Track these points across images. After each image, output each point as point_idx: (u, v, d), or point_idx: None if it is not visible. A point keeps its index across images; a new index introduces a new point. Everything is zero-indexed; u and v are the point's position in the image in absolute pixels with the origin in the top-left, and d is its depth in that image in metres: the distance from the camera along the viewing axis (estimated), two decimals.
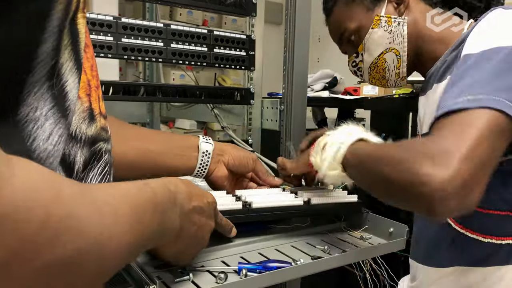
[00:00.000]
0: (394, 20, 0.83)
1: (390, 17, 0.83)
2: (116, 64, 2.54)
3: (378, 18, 0.84)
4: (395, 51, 0.84)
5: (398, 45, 0.83)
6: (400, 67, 0.85)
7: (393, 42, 0.84)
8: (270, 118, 1.26)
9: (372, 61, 0.87)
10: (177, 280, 0.55)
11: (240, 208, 0.68)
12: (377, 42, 0.85)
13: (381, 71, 0.87)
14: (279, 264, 0.57)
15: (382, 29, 0.84)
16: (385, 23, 0.83)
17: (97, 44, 0.93)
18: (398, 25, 0.83)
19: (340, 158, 0.64)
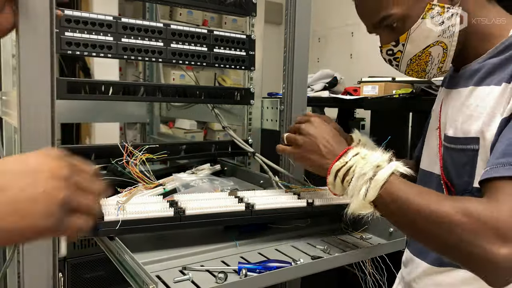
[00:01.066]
0: (448, 10, 0.72)
1: (443, 6, 0.72)
2: (116, 64, 2.54)
3: (430, 6, 0.72)
4: (442, 44, 0.74)
5: (447, 39, 0.73)
6: (444, 61, 0.76)
7: (442, 35, 0.73)
8: (270, 118, 1.25)
9: (416, 53, 0.76)
10: (177, 279, 0.55)
11: (243, 210, 0.68)
12: (425, 34, 0.74)
13: (423, 64, 0.78)
14: (279, 264, 0.57)
15: (433, 19, 0.73)
16: (437, 13, 0.72)
17: (97, 44, 0.93)
18: (451, 16, 0.72)
19: (372, 198, 0.62)
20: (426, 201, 0.57)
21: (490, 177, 0.56)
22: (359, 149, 0.68)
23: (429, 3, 0.73)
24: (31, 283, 0.74)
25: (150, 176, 0.90)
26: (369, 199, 0.61)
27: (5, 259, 1.30)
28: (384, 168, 0.62)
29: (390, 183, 0.61)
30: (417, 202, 0.58)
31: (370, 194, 0.61)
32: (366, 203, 0.61)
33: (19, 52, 0.71)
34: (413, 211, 0.58)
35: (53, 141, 0.75)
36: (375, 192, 0.61)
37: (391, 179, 0.61)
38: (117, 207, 0.66)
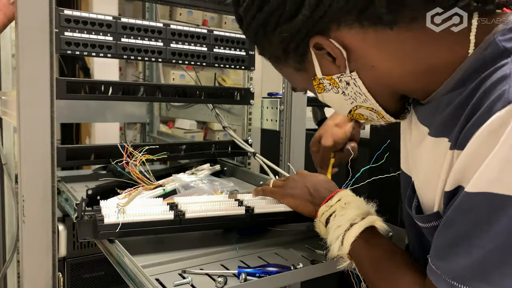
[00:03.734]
0: (339, 79, 0.56)
1: (331, 78, 0.57)
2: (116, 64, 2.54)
3: (317, 82, 0.59)
4: (364, 107, 0.60)
5: (365, 103, 0.59)
6: (383, 117, 0.61)
7: (355, 101, 0.59)
8: (270, 118, 1.25)
9: (347, 115, 0.65)
10: (176, 283, 0.55)
11: (242, 213, 0.68)
12: (336, 104, 0.63)
13: (366, 121, 0.67)
14: (278, 268, 0.57)
15: (330, 92, 0.60)
16: (330, 85, 0.59)
17: (97, 44, 0.93)
18: (348, 84, 0.56)
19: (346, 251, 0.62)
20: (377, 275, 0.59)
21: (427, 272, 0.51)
22: (344, 194, 0.68)
23: (314, 79, 0.60)
24: (31, 283, 0.74)
25: (150, 177, 0.90)
26: (344, 251, 0.62)
27: (5, 259, 1.30)
28: (357, 224, 0.62)
29: (357, 244, 0.61)
30: (370, 274, 0.60)
31: (344, 248, 0.62)
32: (342, 254, 0.62)
33: (18, 52, 0.71)
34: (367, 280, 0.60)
35: (53, 141, 0.75)
36: (347, 247, 0.61)
37: (360, 239, 0.61)
38: (117, 210, 0.66)
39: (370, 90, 0.56)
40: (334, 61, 0.54)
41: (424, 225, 0.56)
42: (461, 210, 0.45)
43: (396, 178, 0.71)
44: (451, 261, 0.46)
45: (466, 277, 0.44)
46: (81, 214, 0.66)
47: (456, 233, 0.46)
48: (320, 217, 0.66)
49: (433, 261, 0.49)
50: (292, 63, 0.59)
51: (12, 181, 1.25)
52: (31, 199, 0.73)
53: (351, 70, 0.54)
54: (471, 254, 0.44)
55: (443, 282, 0.47)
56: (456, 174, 0.47)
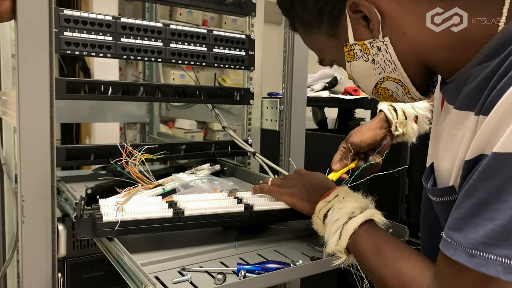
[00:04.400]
0: (372, 45, 0.57)
1: (363, 43, 0.57)
2: (115, 64, 2.54)
3: (348, 49, 0.59)
4: (392, 79, 0.60)
5: (393, 73, 0.58)
6: (409, 92, 0.61)
7: (384, 71, 0.59)
8: (269, 118, 1.25)
9: (371, 91, 0.65)
10: (175, 280, 0.55)
11: (242, 211, 0.68)
12: (363, 75, 0.62)
13: (390, 98, 0.65)
14: (277, 265, 0.57)
15: (360, 60, 0.59)
16: (361, 52, 0.58)
17: (97, 43, 0.93)
18: (379, 51, 0.56)
19: (344, 245, 0.61)
20: (379, 262, 0.57)
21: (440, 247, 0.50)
22: (342, 190, 0.68)
23: (346, 45, 0.60)
24: (30, 283, 0.74)
25: (149, 176, 0.90)
26: (341, 246, 0.61)
27: (5, 259, 1.30)
28: (356, 217, 0.61)
29: (357, 235, 0.60)
30: (372, 263, 0.58)
31: (341, 241, 0.61)
32: (339, 248, 0.61)
33: (18, 52, 0.71)
34: (369, 270, 0.59)
35: (52, 141, 0.75)
36: (345, 241, 0.61)
37: (360, 230, 0.61)
38: (116, 208, 0.66)
39: (400, 58, 0.56)
40: (368, 26, 0.55)
41: (437, 199, 0.55)
42: (485, 174, 0.44)
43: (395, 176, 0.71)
44: (472, 230, 0.45)
45: (488, 244, 0.43)
46: (80, 213, 0.66)
47: (478, 199, 0.45)
48: (318, 213, 0.66)
49: (450, 235, 0.47)
50: (325, 28, 0.59)
51: (12, 181, 1.25)
52: (30, 199, 0.73)
53: (384, 35, 0.55)
54: (495, 220, 0.43)
55: (461, 253, 0.45)
56: (479, 140, 0.46)
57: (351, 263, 0.62)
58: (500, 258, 0.43)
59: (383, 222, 0.63)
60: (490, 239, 0.43)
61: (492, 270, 0.43)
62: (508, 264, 0.42)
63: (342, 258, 0.62)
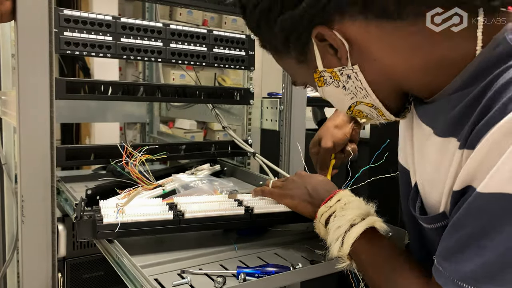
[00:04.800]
0: (341, 73, 0.55)
1: (332, 71, 0.56)
2: (115, 64, 2.54)
3: (317, 75, 0.58)
4: (365, 103, 0.58)
5: (365, 99, 0.57)
6: (383, 115, 0.59)
7: (355, 97, 0.58)
8: (269, 118, 1.25)
9: (346, 112, 0.64)
10: (175, 283, 0.54)
11: (242, 214, 0.68)
12: (336, 99, 0.61)
13: (365, 118, 0.65)
14: (277, 268, 0.57)
15: (331, 86, 0.58)
16: (331, 79, 0.57)
17: (97, 44, 0.93)
18: (349, 78, 0.55)
19: (346, 252, 0.62)
20: (378, 276, 0.59)
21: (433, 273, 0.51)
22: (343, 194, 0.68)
23: (315, 71, 0.58)
24: (30, 283, 0.74)
25: (150, 177, 0.90)
26: (344, 252, 0.61)
27: (5, 259, 1.30)
28: (358, 225, 0.62)
29: (358, 243, 0.61)
30: (371, 275, 0.60)
31: (344, 249, 0.61)
32: (341, 254, 0.62)
33: (18, 52, 0.71)
34: (368, 280, 0.60)
35: (52, 141, 0.75)
36: (347, 248, 0.61)
37: (361, 239, 0.61)
38: (116, 210, 0.66)
39: (371, 84, 0.55)
40: (336, 53, 0.53)
41: (429, 226, 0.55)
42: (472, 211, 0.45)
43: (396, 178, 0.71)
44: (460, 263, 0.46)
45: (476, 279, 0.44)
46: (80, 214, 0.66)
47: (466, 234, 0.45)
48: (320, 217, 0.66)
49: (440, 263, 0.48)
50: (294, 55, 0.58)
51: (12, 181, 1.25)
52: (30, 199, 0.73)
53: (352, 63, 0.53)
54: (482, 256, 0.44)
55: (451, 284, 0.46)
56: (466, 174, 0.46)
57: (354, 267, 0.62)
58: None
59: (384, 230, 0.64)
60: (477, 275, 0.44)
61: None
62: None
63: (345, 263, 0.62)
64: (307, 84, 0.64)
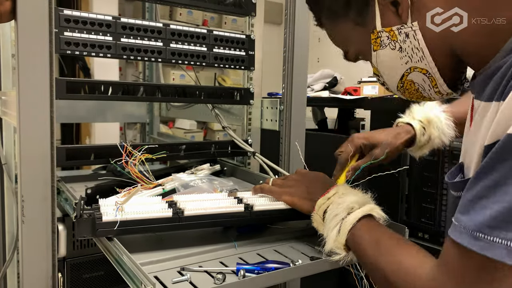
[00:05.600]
0: (400, 32, 0.56)
1: (391, 30, 0.56)
2: (116, 64, 2.55)
3: (374, 36, 0.58)
4: (419, 69, 0.58)
5: (421, 63, 0.57)
6: (436, 85, 0.58)
7: (411, 60, 0.57)
8: (269, 118, 1.25)
9: (396, 84, 0.62)
10: (174, 280, 0.55)
11: (242, 211, 0.68)
12: (389, 65, 0.60)
13: (415, 92, 0.63)
14: (277, 265, 0.57)
15: (387, 48, 0.58)
16: (388, 39, 0.57)
17: (97, 44, 0.93)
18: (407, 37, 0.55)
19: (342, 240, 0.61)
20: (377, 253, 0.57)
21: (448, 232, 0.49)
22: (341, 187, 0.67)
23: (373, 31, 0.58)
24: (30, 283, 0.74)
25: (149, 176, 0.90)
26: (340, 241, 0.61)
27: (5, 259, 1.30)
28: (354, 212, 0.61)
29: (356, 229, 0.60)
30: (370, 254, 0.58)
31: (340, 236, 0.61)
32: (338, 244, 0.61)
33: (18, 52, 0.71)
34: (367, 262, 0.58)
35: (52, 141, 0.75)
36: (344, 235, 0.60)
37: (358, 224, 0.60)
38: (116, 208, 0.66)
39: (428, 45, 0.55)
40: (396, 11, 0.55)
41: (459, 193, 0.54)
42: (499, 155, 0.44)
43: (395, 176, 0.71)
44: (478, 213, 0.44)
45: (494, 227, 0.43)
46: (79, 212, 0.66)
47: (490, 180, 0.44)
48: (318, 210, 0.66)
49: (458, 218, 0.47)
50: (352, 16, 0.59)
51: (12, 181, 1.25)
52: (30, 199, 0.73)
53: (412, 20, 0.54)
54: (502, 203, 0.42)
55: (466, 236, 0.45)
56: (497, 125, 0.46)
57: (350, 260, 0.62)
58: (505, 241, 0.42)
59: (382, 218, 0.63)
60: (496, 222, 0.43)
61: (496, 254, 0.42)
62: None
63: (341, 255, 0.61)
64: (360, 54, 0.64)
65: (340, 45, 0.67)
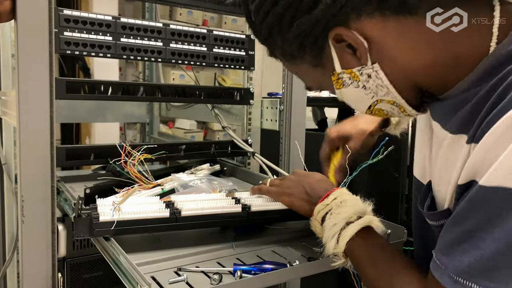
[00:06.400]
0: (360, 72, 0.54)
1: (351, 71, 0.55)
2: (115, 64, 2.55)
3: (335, 78, 0.57)
4: (386, 101, 0.57)
5: (387, 96, 0.56)
6: (405, 111, 0.58)
7: (376, 95, 0.57)
8: (269, 118, 1.25)
9: (365, 112, 0.62)
10: (171, 280, 0.55)
11: (239, 211, 0.68)
12: (355, 100, 0.60)
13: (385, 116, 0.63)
14: (274, 265, 0.57)
15: (350, 87, 0.57)
16: (350, 80, 0.56)
17: (97, 43, 0.93)
18: (369, 77, 0.54)
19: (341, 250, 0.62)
20: (373, 274, 0.59)
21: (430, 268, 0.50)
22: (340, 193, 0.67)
23: (333, 74, 0.57)
24: (30, 283, 0.74)
25: (148, 176, 0.90)
26: (339, 250, 0.61)
27: (5, 259, 1.30)
28: (353, 223, 0.62)
29: (354, 242, 0.61)
30: (367, 272, 0.60)
31: (339, 246, 0.61)
32: (337, 252, 0.62)
33: (18, 52, 0.71)
34: (364, 278, 0.60)
35: (52, 141, 0.75)
36: (342, 246, 0.61)
37: (357, 237, 0.61)
38: (113, 208, 0.66)
39: (392, 82, 0.54)
40: (354, 53, 0.53)
41: (434, 223, 0.55)
42: (472, 204, 0.45)
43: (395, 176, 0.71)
44: (458, 257, 0.45)
45: (472, 273, 0.44)
46: (78, 212, 0.66)
47: (465, 228, 0.45)
48: (316, 215, 0.66)
49: (438, 256, 0.48)
50: (309, 59, 0.56)
51: (12, 181, 1.25)
52: (30, 199, 0.73)
53: (372, 61, 0.53)
54: (479, 250, 0.43)
55: (446, 277, 0.46)
56: (470, 167, 0.46)
57: (349, 266, 0.62)
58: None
59: (381, 230, 0.64)
60: (474, 270, 0.44)
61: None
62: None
63: (340, 261, 0.62)
64: (323, 88, 0.63)
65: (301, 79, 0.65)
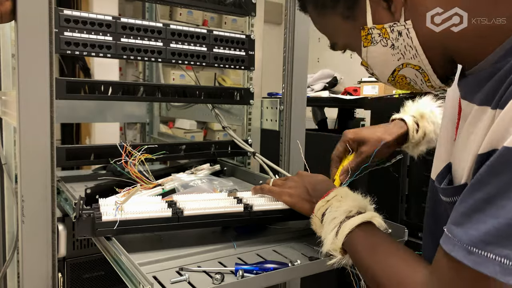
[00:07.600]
0: (392, 29, 0.53)
1: (382, 27, 0.53)
2: (116, 64, 2.55)
3: (365, 33, 0.55)
4: (412, 66, 0.55)
5: (413, 59, 0.54)
6: (428, 80, 0.56)
7: (403, 57, 0.55)
8: (269, 118, 1.25)
9: (388, 78, 0.60)
10: (173, 280, 0.55)
11: (241, 211, 0.68)
12: (380, 61, 0.58)
13: (406, 85, 0.61)
14: (275, 265, 0.57)
15: (378, 45, 0.55)
16: (379, 36, 0.54)
17: (97, 44, 0.93)
18: (400, 35, 0.53)
19: (339, 244, 0.61)
20: (372, 260, 0.57)
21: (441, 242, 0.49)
22: (341, 190, 0.67)
23: (363, 28, 0.55)
24: (30, 283, 0.74)
25: (149, 176, 0.90)
26: (337, 244, 0.61)
27: (5, 259, 1.30)
28: (354, 217, 0.61)
29: (354, 234, 0.60)
30: (365, 260, 0.58)
31: (338, 240, 0.60)
32: (335, 247, 0.61)
33: (18, 52, 0.71)
34: (362, 268, 0.58)
35: (52, 141, 0.75)
36: (341, 239, 0.60)
37: (356, 230, 0.60)
38: (115, 208, 0.66)
39: (422, 44, 0.52)
40: (389, 8, 0.51)
41: (449, 199, 0.53)
42: (495, 168, 0.43)
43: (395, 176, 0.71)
44: (473, 226, 0.43)
45: (487, 242, 0.42)
46: (79, 212, 0.66)
47: (483, 195, 0.43)
48: (317, 212, 0.66)
49: (451, 229, 0.46)
50: (341, 10, 0.55)
51: (12, 181, 1.25)
52: (30, 199, 0.73)
53: (406, 18, 0.51)
54: (499, 217, 0.42)
55: (460, 249, 0.44)
56: (494, 134, 0.44)
57: (345, 263, 0.62)
58: (499, 257, 0.41)
59: (382, 226, 0.63)
60: (491, 237, 0.42)
61: (489, 270, 0.42)
62: (506, 264, 0.41)
63: (336, 258, 0.61)
64: (348, 46, 0.62)
65: (327, 36, 0.63)
